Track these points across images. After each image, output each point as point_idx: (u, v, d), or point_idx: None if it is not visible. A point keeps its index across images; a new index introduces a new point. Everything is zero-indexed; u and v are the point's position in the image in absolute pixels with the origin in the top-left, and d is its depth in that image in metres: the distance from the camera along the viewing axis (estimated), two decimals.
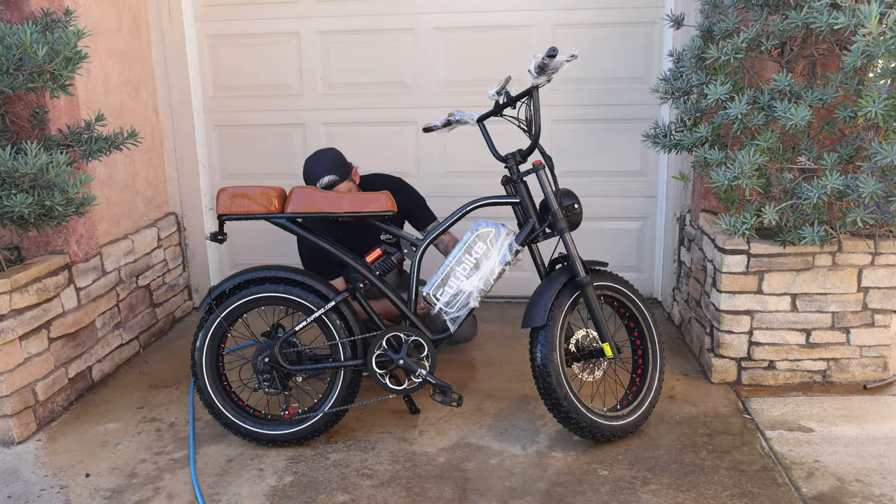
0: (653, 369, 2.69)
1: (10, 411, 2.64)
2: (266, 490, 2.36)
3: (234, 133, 4.02)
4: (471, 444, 2.62)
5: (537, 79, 2.48)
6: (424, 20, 3.77)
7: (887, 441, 2.55)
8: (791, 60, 2.79)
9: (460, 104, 3.74)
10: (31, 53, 2.32)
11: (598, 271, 2.63)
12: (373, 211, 2.56)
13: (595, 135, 3.82)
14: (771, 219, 2.47)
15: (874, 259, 2.82)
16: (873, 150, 2.24)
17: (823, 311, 2.88)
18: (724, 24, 2.74)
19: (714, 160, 2.62)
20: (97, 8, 3.23)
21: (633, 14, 3.66)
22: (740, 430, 2.65)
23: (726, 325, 2.92)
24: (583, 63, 3.65)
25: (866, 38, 2.12)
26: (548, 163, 2.55)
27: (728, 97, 2.59)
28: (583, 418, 2.48)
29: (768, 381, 2.97)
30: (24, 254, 2.95)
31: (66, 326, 2.94)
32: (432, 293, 2.56)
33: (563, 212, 2.56)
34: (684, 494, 2.28)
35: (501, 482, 2.38)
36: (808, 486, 2.30)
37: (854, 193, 2.32)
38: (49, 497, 2.37)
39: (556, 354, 2.45)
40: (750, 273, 2.86)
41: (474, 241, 2.56)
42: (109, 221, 3.33)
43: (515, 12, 3.71)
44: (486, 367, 3.25)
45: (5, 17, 2.72)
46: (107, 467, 2.54)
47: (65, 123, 2.89)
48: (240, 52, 3.89)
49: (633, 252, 3.98)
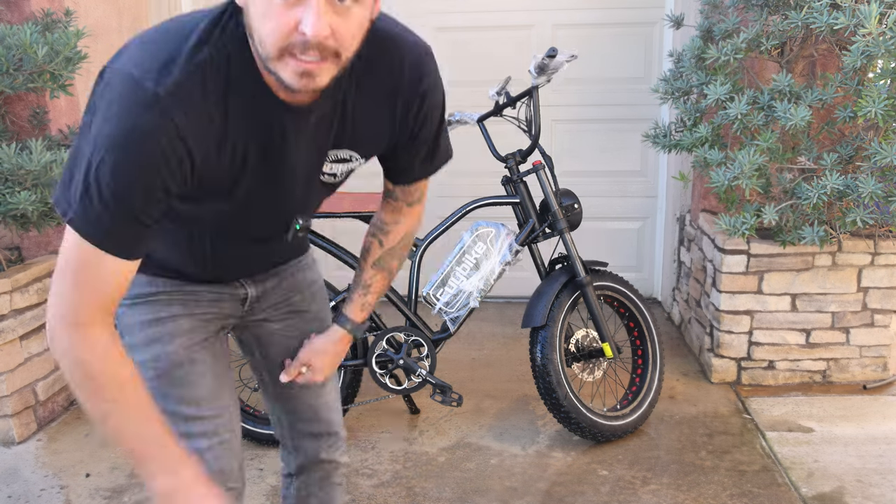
0: (653, 369, 2.69)
1: (10, 411, 2.65)
2: (266, 490, 2.36)
3: None
4: (471, 444, 2.62)
5: (537, 79, 2.49)
6: (424, 20, 3.77)
7: (887, 441, 2.55)
8: (791, 61, 2.79)
9: (460, 104, 3.74)
10: (31, 53, 2.32)
11: (598, 271, 2.63)
12: (373, 211, 2.56)
13: (595, 135, 3.82)
14: (771, 219, 2.47)
15: (874, 259, 2.82)
16: (873, 150, 2.24)
17: (823, 311, 2.88)
18: (724, 25, 2.74)
19: (714, 160, 2.62)
20: (97, 8, 3.23)
21: (633, 14, 3.66)
22: (740, 430, 2.65)
23: (726, 325, 2.93)
24: (583, 63, 3.65)
25: (866, 38, 2.13)
26: (548, 163, 2.56)
27: (728, 97, 2.59)
28: (583, 418, 2.48)
29: (768, 381, 2.97)
30: (25, 254, 2.95)
31: None
32: (432, 293, 2.56)
33: (563, 212, 2.56)
34: (684, 494, 2.29)
35: (501, 482, 2.38)
36: (808, 486, 2.30)
37: (854, 193, 2.32)
38: (49, 497, 2.37)
39: (556, 354, 2.45)
40: (750, 273, 2.86)
41: (474, 241, 2.56)
42: None
43: (515, 12, 3.71)
44: (486, 367, 3.25)
45: (5, 18, 2.72)
46: (107, 467, 2.54)
47: (65, 124, 2.89)
48: None
49: (633, 252, 3.98)
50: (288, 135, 1.10)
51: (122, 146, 0.97)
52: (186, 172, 1.04)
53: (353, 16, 0.94)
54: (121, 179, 0.98)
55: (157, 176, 1.00)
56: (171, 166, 1.01)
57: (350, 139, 1.19)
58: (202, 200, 1.13)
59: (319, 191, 1.27)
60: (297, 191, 1.21)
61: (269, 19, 0.92)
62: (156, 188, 1.01)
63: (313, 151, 1.17)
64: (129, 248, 1.05)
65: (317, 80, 0.96)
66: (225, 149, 1.07)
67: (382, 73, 1.15)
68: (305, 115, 1.10)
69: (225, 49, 1.02)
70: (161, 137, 0.98)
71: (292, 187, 1.19)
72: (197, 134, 1.02)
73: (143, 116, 0.97)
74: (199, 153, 1.04)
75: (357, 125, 1.18)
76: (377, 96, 1.17)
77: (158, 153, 0.99)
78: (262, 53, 0.97)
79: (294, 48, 0.93)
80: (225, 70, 1.02)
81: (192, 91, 0.99)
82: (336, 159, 1.22)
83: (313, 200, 1.30)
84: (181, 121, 0.99)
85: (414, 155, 1.29)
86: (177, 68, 0.98)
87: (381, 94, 1.17)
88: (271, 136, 1.10)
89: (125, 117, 0.97)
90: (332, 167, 1.22)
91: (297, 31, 0.91)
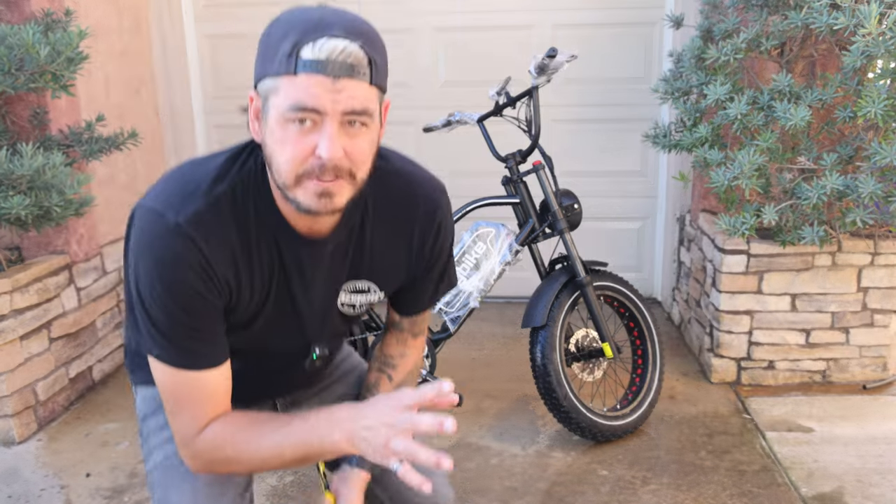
0: (652, 369, 2.69)
1: (10, 411, 2.65)
2: (266, 490, 2.36)
3: (235, 134, 4.01)
4: (471, 444, 2.62)
5: (537, 79, 2.49)
6: (424, 20, 3.77)
7: (887, 441, 2.55)
8: (791, 61, 2.79)
9: (460, 104, 3.74)
10: (33, 54, 2.32)
11: (598, 271, 2.63)
12: None
13: (595, 135, 3.82)
14: (771, 219, 2.47)
15: (874, 259, 2.82)
16: (873, 150, 2.24)
17: (823, 311, 2.88)
18: (724, 25, 2.74)
19: (714, 160, 2.62)
20: (97, 8, 3.23)
21: (633, 14, 3.66)
22: (740, 430, 2.65)
23: (726, 325, 2.93)
24: (583, 63, 3.65)
25: (866, 38, 2.13)
26: (548, 163, 2.56)
27: (728, 97, 2.59)
28: (583, 418, 2.48)
29: (768, 381, 2.97)
30: (25, 254, 2.95)
31: (67, 326, 2.94)
32: None
33: (563, 212, 2.56)
34: (684, 494, 2.29)
35: (501, 482, 2.38)
36: (808, 486, 2.31)
37: (854, 194, 2.32)
38: (49, 497, 2.37)
39: (556, 354, 2.45)
40: (750, 273, 2.86)
41: (474, 241, 2.57)
42: (110, 222, 3.33)
43: (515, 12, 3.71)
44: (486, 367, 3.25)
45: (6, 18, 2.72)
46: (107, 467, 2.54)
47: (65, 124, 2.89)
48: (240, 52, 3.89)
49: (633, 252, 3.98)
50: (305, 267, 1.17)
51: (159, 276, 1.06)
52: (221, 289, 1.11)
53: (363, 138, 1.02)
54: (170, 305, 1.07)
55: (199, 295, 1.08)
56: (209, 284, 1.08)
57: (368, 270, 1.24)
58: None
59: (338, 321, 1.30)
60: (313, 321, 1.25)
61: (287, 147, 1.00)
62: (205, 304, 1.09)
63: (329, 281, 1.22)
64: (210, 358, 1.13)
65: (335, 201, 1.03)
66: (245, 279, 1.13)
67: (398, 205, 1.22)
68: (322, 247, 1.16)
69: (243, 183, 1.10)
70: (190, 259, 1.06)
71: (308, 317, 1.23)
72: (220, 261, 1.09)
73: (169, 244, 1.05)
74: (223, 279, 1.10)
75: (375, 255, 1.23)
76: (394, 227, 1.23)
77: (192, 275, 1.06)
78: (280, 181, 1.03)
79: (312, 172, 1.00)
80: (243, 203, 1.10)
81: (212, 222, 1.07)
82: (355, 290, 1.26)
83: (331, 330, 1.31)
84: (204, 247, 1.06)
85: (426, 286, 1.34)
86: (197, 200, 1.06)
87: (398, 225, 1.23)
88: (289, 268, 1.16)
89: (155, 248, 1.05)
90: (352, 298, 1.27)
91: (314, 155, 0.99)
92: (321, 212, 1.04)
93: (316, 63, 0.96)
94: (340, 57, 0.96)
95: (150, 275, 1.06)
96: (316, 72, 0.96)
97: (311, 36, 0.97)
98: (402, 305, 1.38)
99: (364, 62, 0.98)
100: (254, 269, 1.13)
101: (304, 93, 0.97)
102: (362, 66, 0.98)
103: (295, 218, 1.12)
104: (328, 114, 0.98)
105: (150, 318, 1.08)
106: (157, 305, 1.07)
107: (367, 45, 0.99)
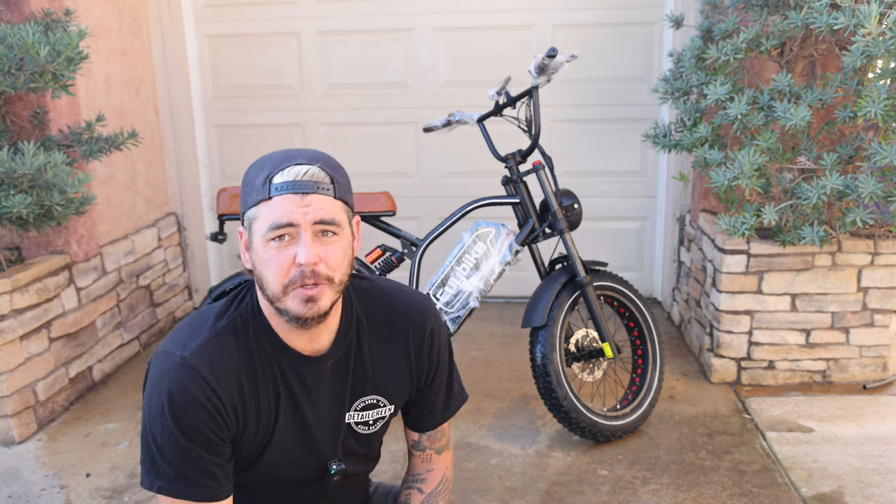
0: (652, 369, 2.69)
1: (10, 411, 2.65)
2: None
3: (235, 133, 4.02)
4: (471, 444, 2.62)
5: (537, 79, 2.49)
6: (424, 20, 3.77)
7: (887, 441, 2.55)
8: (791, 61, 2.79)
9: (460, 104, 3.74)
10: (33, 53, 2.32)
11: (597, 271, 2.63)
12: (373, 211, 2.56)
13: (595, 135, 3.82)
14: (771, 219, 2.47)
15: (874, 259, 2.82)
16: (873, 150, 2.24)
17: (823, 311, 2.89)
18: (724, 25, 2.74)
19: (714, 160, 2.62)
20: (97, 8, 3.23)
21: (633, 14, 3.66)
22: (740, 430, 2.65)
23: (726, 325, 2.93)
24: (583, 63, 3.65)
25: (866, 38, 2.13)
26: (548, 163, 2.56)
27: (728, 97, 2.59)
28: (583, 418, 2.48)
29: (768, 381, 2.98)
30: (25, 254, 2.95)
31: (67, 326, 2.94)
32: (432, 293, 2.56)
33: (563, 212, 2.56)
34: (684, 494, 2.29)
35: (501, 482, 2.38)
36: (808, 486, 2.31)
37: (854, 194, 2.32)
38: (49, 497, 2.37)
39: (556, 354, 2.45)
40: (750, 273, 2.86)
41: (474, 241, 2.57)
42: (110, 221, 3.33)
43: (515, 12, 3.71)
44: (486, 367, 3.25)
45: (6, 18, 2.72)
46: (107, 467, 2.54)
47: (65, 124, 2.89)
48: (240, 52, 3.89)
49: (633, 252, 3.98)
50: (309, 385, 1.26)
51: (166, 410, 1.16)
52: (228, 418, 1.20)
53: (335, 245, 1.16)
54: (176, 438, 1.16)
55: (204, 426, 1.17)
56: (213, 415, 1.18)
57: (373, 383, 1.33)
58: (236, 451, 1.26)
59: (353, 441, 1.36)
60: (325, 439, 1.31)
61: (272, 263, 1.14)
62: (211, 437, 1.18)
63: (335, 396, 1.31)
64: (213, 491, 1.21)
65: (320, 304, 1.16)
66: (251, 406, 1.22)
67: (390, 317, 1.34)
68: (322, 364, 1.27)
69: (242, 316, 1.24)
70: (195, 391, 1.16)
71: (319, 436, 1.31)
72: (226, 390, 1.19)
73: (176, 377, 1.16)
74: (231, 408, 1.20)
75: (377, 368, 1.33)
76: (389, 338, 1.34)
77: (198, 406, 1.16)
78: (271, 294, 1.16)
79: (296, 281, 1.14)
80: (244, 332, 1.23)
81: (216, 352, 1.19)
82: (364, 406, 1.34)
83: (344, 447, 1.36)
84: (209, 376, 1.17)
85: (434, 397, 1.42)
86: (201, 335, 1.20)
87: (393, 336, 1.34)
88: (294, 388, 1.25)
89: (163, 383, 1.17)
90: (363, 415, 1.35)
91: (294, 264, 1.13)
92: (309, 317, 1.15)
93: (285, 185, 1.13)
94: (306, 177, 1.14)
95: (156, 407, 1.16)
96: (286, 192, 1.13)
97: (280, 166, 1.15)
98: (416, 421, 1.45)
99: (327, 180, 1.16)
100: (260, 394, 1.23)
101: (278, 211, 1.12)
102: (325, 183, 1.15)
103: (294, 339, 1.23)
104: (301, 225, 1.13)
105: (157, 446, 1.17)
106: (163, 436, 1.16)
107: (327, 166, 1.17)
